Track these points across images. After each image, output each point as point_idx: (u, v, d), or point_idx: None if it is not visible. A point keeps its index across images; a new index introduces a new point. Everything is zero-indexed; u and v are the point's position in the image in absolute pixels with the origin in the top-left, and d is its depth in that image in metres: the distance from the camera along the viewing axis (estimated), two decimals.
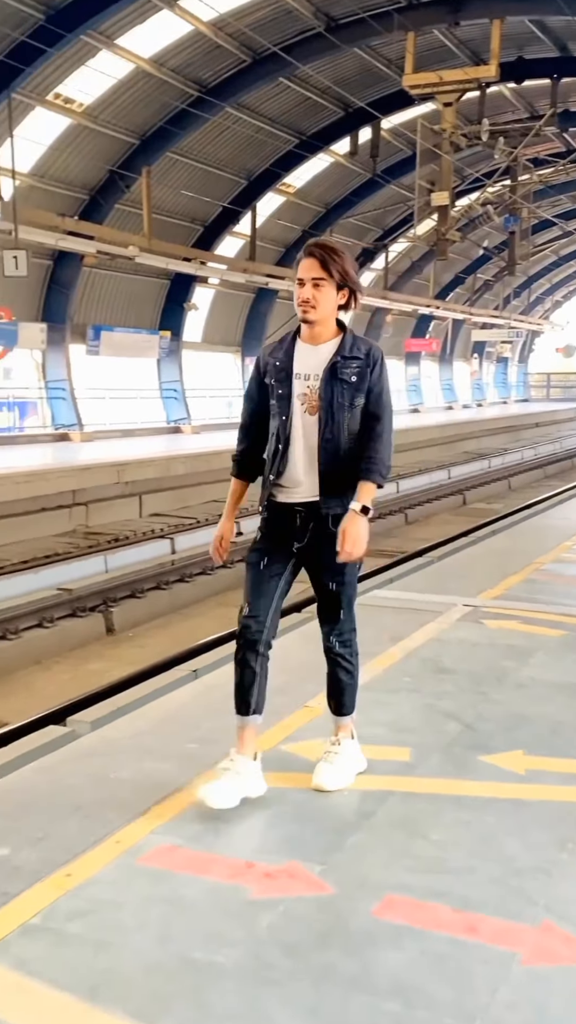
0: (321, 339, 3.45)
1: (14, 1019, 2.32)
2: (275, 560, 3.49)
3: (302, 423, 3.43)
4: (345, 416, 3.39)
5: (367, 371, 3.42)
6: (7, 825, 3.32)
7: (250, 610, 3.48)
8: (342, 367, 3.39)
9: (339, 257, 3.35)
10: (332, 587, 3.50)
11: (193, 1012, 2.36)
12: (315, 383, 3.40)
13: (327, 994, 2.42)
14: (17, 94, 17.69)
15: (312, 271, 3.35)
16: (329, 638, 3.59)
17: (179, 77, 20.45)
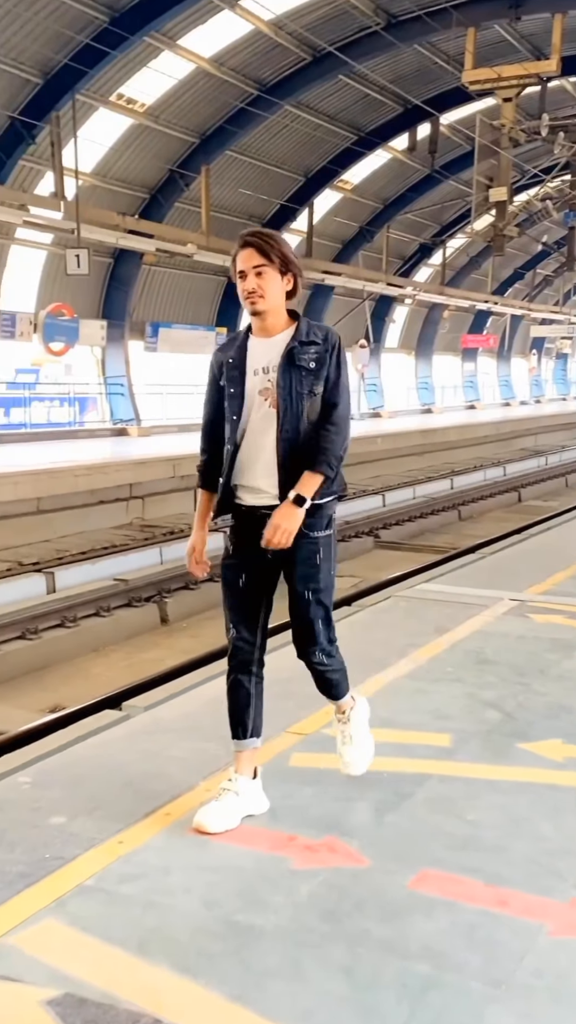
0: (275, 330, 3.26)
1: (68, 968, 2.51)
2: (251, 574, 3.29)
3: (261, 419, 3.23)
4: (304, 405, 3.19)
5: (326, 356, 3.22)
6: (64, 796, 3.52)
7: (237, 632, 3.33)
8: (299, 353, 3.20)
9: (276, 242, 3.21)
10: (307, 595, 3.26)
11: (235, 968, 2.52)
12: (273, 375, 3.22)
13: (361, 956, 2.56)
14: (81, 95, 18.05)
15: (252, 260, 3.18)
16: (313, 655, 3.32)
17: (239, 76, 20.66)
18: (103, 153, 20.62)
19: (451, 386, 40.75)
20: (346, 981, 2.46)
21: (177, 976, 2.48)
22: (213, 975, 2.48)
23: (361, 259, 28.84)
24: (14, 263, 20.72)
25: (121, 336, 22.65)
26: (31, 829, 3.27)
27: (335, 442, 3.22)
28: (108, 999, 2.39)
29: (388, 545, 14.29)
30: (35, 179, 19.64)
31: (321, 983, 2.45)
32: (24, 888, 2.89)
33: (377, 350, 32.94)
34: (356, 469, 20.57)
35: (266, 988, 2.43)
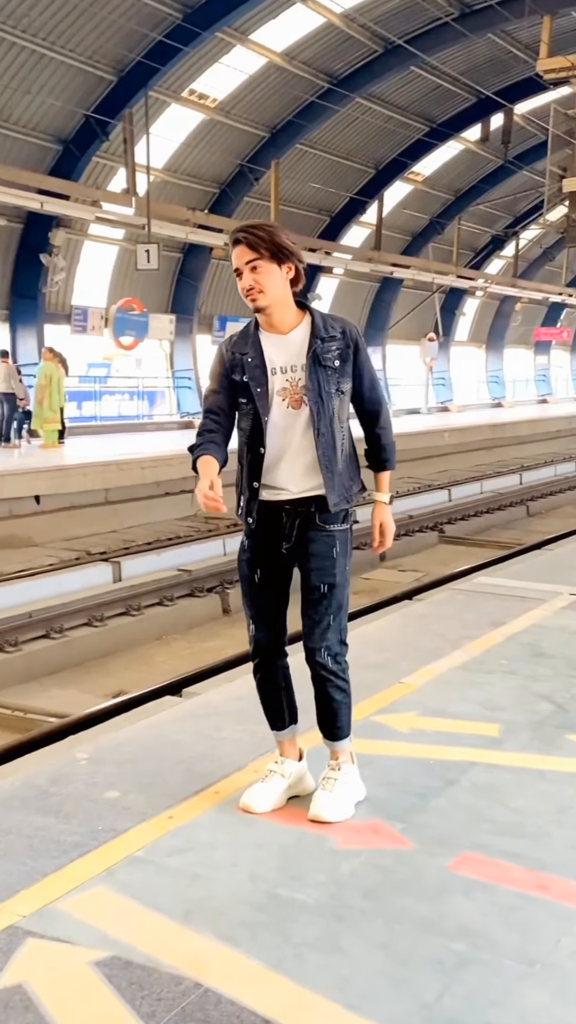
0: (287, 326, 3.17)
1: (116, 933, 2.62)
2: (267, 569, 3.29)
3: (282, 418, 3.16)
4: (335, 404, 3.16)
5: (348, 352, 3.18)
6: (119, 772, 3.65)
7: (256, 628, 3.33)
8: (322, 352, 3.13)
9: (267, 232, 3.08)
10: (323, 588, 3.21)
11: (275, 939, 2.60)
12: (296, 375, 3.15)
13: (398, 933, 2.63)
14: (154, 92, 18.30)
15: (243, 256, 3.08)
16: (319, 653, 3.21)
17: (310, 69, 20.72)
18: (174, 149, 20.88)
19: (523, 380, 40.24)
20: (383, 955, 2.53)
21: (219, 944, 2.57)
22: (253, 944, 2.57)
23: (431, 251, 28.68)
24: (87, 259, 21.11)
25: (189, 330, 22.91)
26: (87, 802, 3.40)
27: (391, 440, 3.34)
28: (152, 963, 2.49)
29: (453, 540, 14.22)
30: (108, 176, 19.98)
31: (358, 956, 2.52)
32: (77, 857, 3.02)
33: (447, 343, 32.71)
34: (422, 464, 20.49)
35: (304, 959, 2.51)
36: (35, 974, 2.45)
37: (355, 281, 28.18)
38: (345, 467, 3.20)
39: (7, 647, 8.17)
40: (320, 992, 2.37)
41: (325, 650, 3.21)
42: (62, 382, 16.78)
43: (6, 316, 19.86)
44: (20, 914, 2.70)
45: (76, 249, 20.55)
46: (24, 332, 19.87)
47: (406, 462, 20.25)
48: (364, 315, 30.07)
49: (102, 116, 18.32)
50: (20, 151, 17.96)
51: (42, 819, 3.27)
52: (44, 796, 3.46)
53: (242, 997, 2.35)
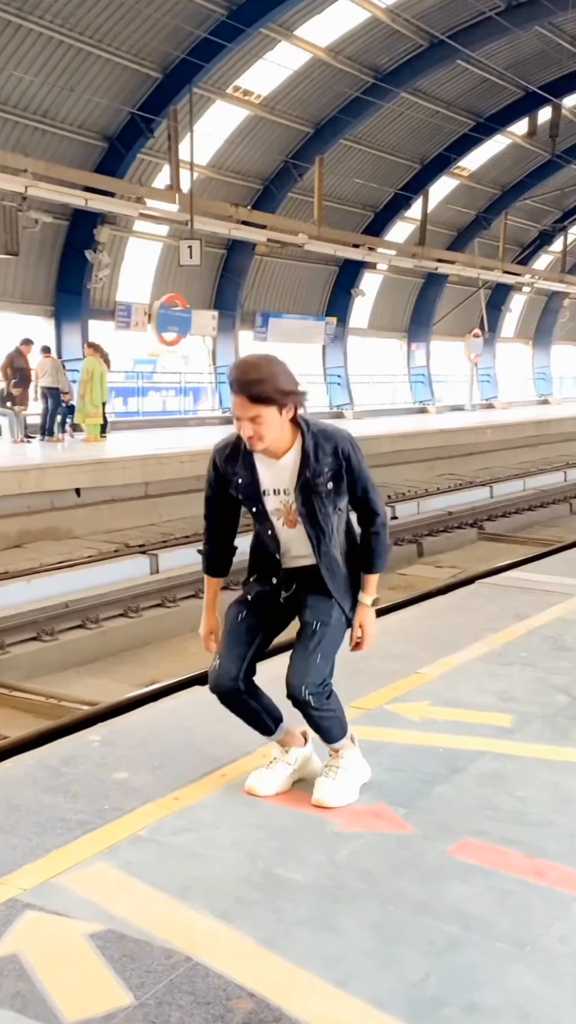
0: (280, 452, 3.16)
1: (113, 908, 2.67)
2: (255, 613, 3.32)
3: (282, 531, 3.25)
4: (333, 522, 3.21)
5: (341, 471, 3.17)
6: (130, 754, 3.70)
7: (219, 666, 3.28)
8: (314, 478, 3.14)
9: (264, 381, 3.01)
10: (315, 625, 3.22)
11: (268, 916, 2.63)
12: (288, 497, 3.19)
13: (392, 914, 2.64)
14: (198, 88, 18.39)
15: (246, 410, 3.03)
16: (300, 690, 3.15)
17: (355, 65, 20.67)
18: (218, 145, 20.97)
19: (571, 377, 39.77)
20: (374, 935, 2.54)
21: (213, 920, 2.61)
22: (247, 921, 2.60)
23: (477, 247, 28.45)
24: (131, 256, 21.30)
25: (232, 326, 23.00)
26: (95, 782, 3.46)
27: (384, 543, 3.32)
28: (146, 937, 2.53)
29: (492, 537, 14.11)
30: (152, 173, 20.13)
31: (349, 935, 2.54)
32: (82, 835, 3.07)
33: (492, 340, 32.43)
34: (463, 461, 20.39)
35: (295, 936, 2.54)
36: (30, 945, 2.51)
37: (399, 277, 28.06)
38: (349, 571, 3.29)
39: (44, 636, 8.26)
40: (309, 969, 2.40)
41: (305, 688, 3.14)
42: (104, 377, 16.95)
43: (52, 312, 20.11)
44: (21, 887, 2.76)
45: (121, 246, 20.73)
46: (69, 328, 20.10)
47: (447, 459, 20.18)
48: (408, 311, 29.94)
49: (147, 113, 18.46)
50: (67, 149, 18.17)
51: (51, 798, 3.34)
52: (55, 776, 3.53)
53: (231, 971, 2.39)
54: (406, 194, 25.52)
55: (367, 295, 26.72)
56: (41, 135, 17.72)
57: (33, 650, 8.03)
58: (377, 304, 28.46)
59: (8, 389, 16.71)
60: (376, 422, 23.64)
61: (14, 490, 12.89)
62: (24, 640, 8.07)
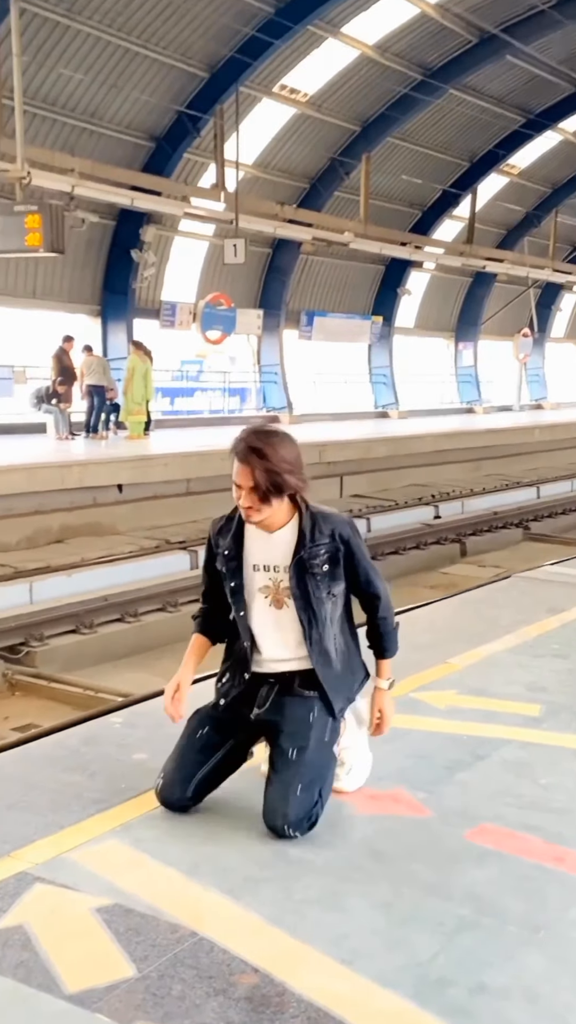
0: (275, 525, 3.00)
1: (121, 883, 2.65)
2: (218, 729, 3.07)
3: (265, 613, 3.04)
4: (327, 609, 3.01)
5: (338, 554, 3.00)
6: (149, 736, 3.69)
7: (164, 782, 3.04)
8: (309, 560, 2.97)
9: (274, 468, 2.86)
10: (291, 753, 2.92)
11: (277, 895, 2.59)
12: (278, 575, 3.01)
13: (403, 895, 2.59)
14: (245, 87, 18.40)
15: (247, 480, 2.89)
16: (283, 829, 2.84)
17: (403, 61, 20.53)
18: (265, 144, 20.96)
19: None
20: (383, 916, 2.49)
21: (221, 897, 2.58)
22: (254, 899, 2.57)
23: (527, 245, 28.12)
24: (177, 255, 21.40)
25: (277, 325, 22.98)
26: (114, 762, 3.45)
27: (391, 627, 3.15)
28: (153, 912, 2.51)
29: (538, 537, 13.94)
30: (199, 172, 20.20)
31: (358, 915, 2.50)
32: (96, 812, 3.06)
33: (542, 340, 32.05)
34: (510, 461, 20.19)
35: (303, 914, 2.50)
36: (37, 916, 2.50)
37: (447, 276, 27.84)
38: (343, 667, 3.07)
39: (83, 629, 8.31)
40: (314, 946, 2.36)
41: (287, 826, 2.84)
42: (149, 375, 17.04)
43: (98, 312, 20.27)
44: (33, 862, 2.76)
45: (166, 245, 20.83)
46: (115, 327, 20.24)
47: (494, 459, 19.97)
48: (456, 310, 29.69)
49: (194, 112, 18.53)
50: (114, 149, 18.30)
51: (68, 776, 3.33)
52: (74, 755, 3.53)
53: (236, 947, 2.36)
54: (455, 191, 25.29)
55: (414, 294, 26.53)
56: (88, 135, 17.87)
57: (72, 642, 8.06)
58: (424, 303, 28.25)
59: (54, 387, 16.88)
60: (421, 422, 23.48)
61: (57, 485, 13.00)
62: (63, 632, 8.11)
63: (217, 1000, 2.16)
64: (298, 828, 2.85)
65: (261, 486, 2.89)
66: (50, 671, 7.43)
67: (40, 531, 12.41)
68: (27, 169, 13.66)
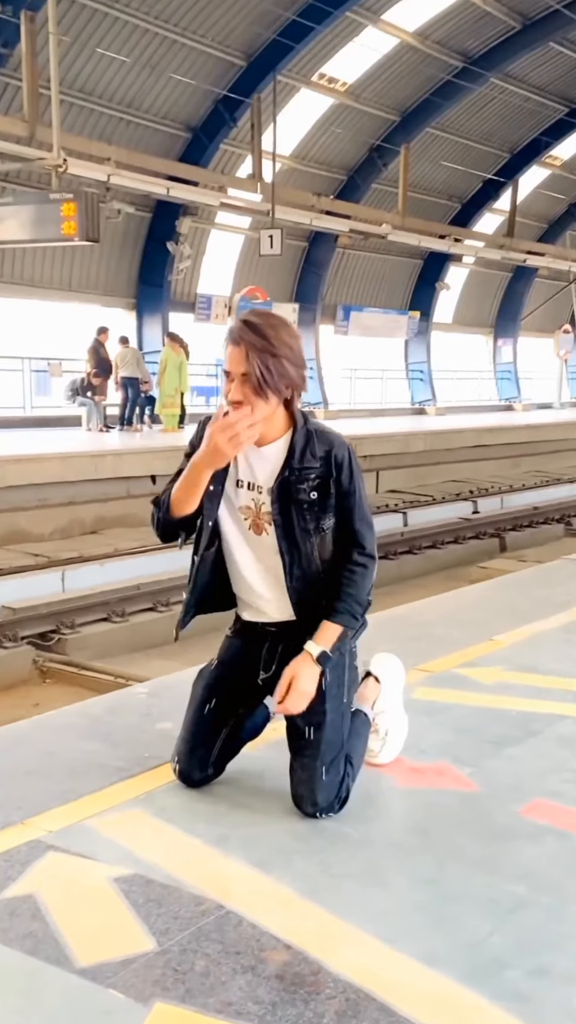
0: (266, 438, 2.59)
1: (143, 853, 2.43)
2: (226, 699, 2.74)
3: (247, 542, 2.66)
4: (313, 543, 2.59)
5: (329, 481, 2.57)
6: (176, 706, 3.41)
7: (181, 764, 2.76)
8: (295, 483, 2.56)
9: (276, 352, 2.46)
10: (307, 732, 2.60)
11: (311, 868, 2.36)
12: (260, 498, 2.61)
13: (450, 871, 2.35)
14: (283, 76, 18.16)
15: (240, 365, 2.47)
16: (315, 813, 2.58)
17: (443, 49, 20.20)
18: (302, 135, 20.74)
19: None
20: (429, 892, 2.26)
21: (250, 869, 2.36)
22: (287, 872, 2.34)
23: (569, 239, 27.65)
24: (213, 248, 21.25)
25: (313, 319, 22.74)
26: (138, 732, 3.24)
27: (361, 586, 2.60)
28: (175, 883, 2.30)
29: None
30: (235, 164, 20.03)
31: (401, 891, 2.26)
32: (118, 781, 2.85)
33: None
34: (550, 458, 19.87)
35: (340, 889, 2.27)
36: (48, 885, 2.29)
37: (486, 271, 27.45)
38: None
39: (114, 617, 8.21)
40: (353, 922, 2.13)
41: (318, 810, 2.58)
42: (184, 367, 16.87)
43: (133, 304, 20.17)
44: (47, 829, 2.56)
45: (202, 238, 20.68)
46: (150, 320, 20.12)
47: (534, 456, 19.65)
48: (495, 306, 29.26)
49: (231, 102, 18.36)
50: (151, 140, 18.17)
51: (89, 744, 3.13)
52: (96, 724, 3.32)
53: (266, 922, 2.13)
54: (497, 180, 24.83)
55: (452, 289, 26.16)
56: (126, 125, 17.77)
57: (103, 631, 7.98)
58: (462, 298, 27.85)
59: (89, 379, 16.79)
60: (459, 418, 23.14)
61: (90, 475, 12.89)
62: (95, 621, 8.04)
63: (245, 978, 1.93)
64: (329, 811, 2.59)
65: (256, 372, 2.45)
66: (81, 659, 7.34)
67: (74, 522, 12.34)
68: (63, 157, 13.55)
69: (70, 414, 17.45)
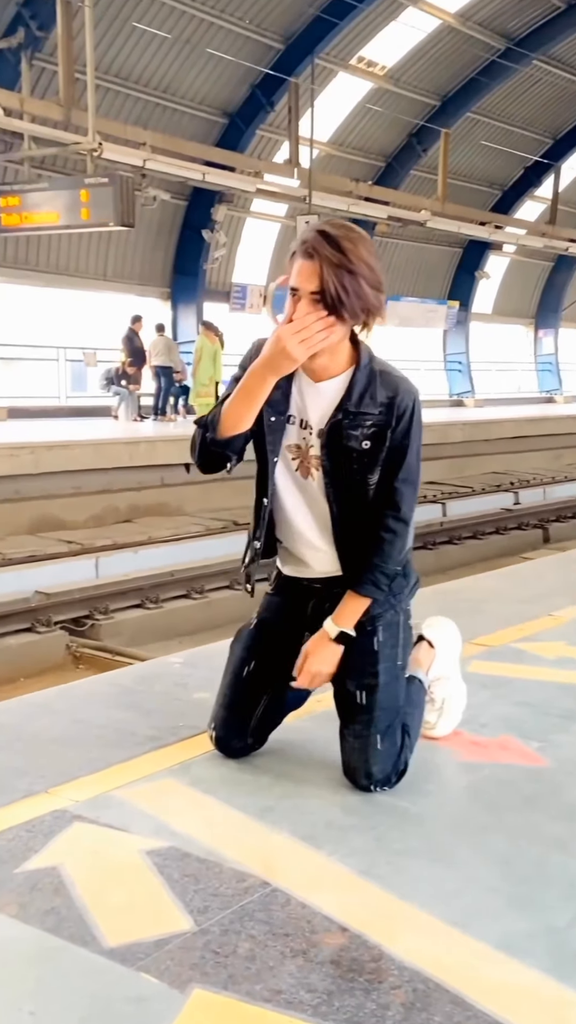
0: (325, 372, 2.32)
1: (179, 825, 2.19)
2: (266, 662, 2.48)
3: (295, 484, 2.39)
4: (360, 492, 2.34)
5: (386, 431, 2.29)
6: (214, 676, 3.16)
7: (218, 731, 2.51)
8: (348, 427, 2.29)
9: (348, 257, 2.14)
10: (360, 697, 2.35)
11: (367, 844, 2.11)
12: (310, 439, 2.34)
13: (525, 850, 2.08)
14: (321, 59, 17.89)
15: (311, 281, 2.16)
16: (369, 787, 2.33)
17: (485, 31, 19.79)
18: (340, 120, 20.44)
19: None
20: (502, 872, 1.99)
21: (298, 844, 2.11)
22: (339, 847, 2.09)
23: None
24: (248, 237, 21.03)
25: None
26: (172, 701, 3.01)
27: (389, 555, 2.33)
28: (216, 857, 2.05)
29: None
30: (272, 150, 19.77)
31: (470, 870, 2.00)
32: (151, 750, 2.62)
33: None
34: None
35: (401, 867, 2.01)
36: (75, 858, 2.06)
37: (527, 260, 26.95)
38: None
39: (148, 604, 8.09)
40: (418, 905, 1.87)
41: (373, 783, 2.32)
42: (218, 356, 16.64)
43: (168, 294, 19.99)
44: (73, 799, 2.32)
45: (238, 226, 20.45)
46: (184, 310, 19.93)
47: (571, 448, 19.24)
48: (536, 296, 28.73)
49: (268, 86, 18.09)
50: (187, 125, 17.96)
51: (120, 713, 2.90)
52: (127, 694, 3.10)
53: (318, 901, 1.88)
54: (540, 165, 24.29)
55: (492, 278, 25.72)
56: (162, 111, 17.57)
57: (137, 617, 7.85)
58: (503, 288, 27.36)
59: (123, 368, 16.64)
60: (499, 410, 22.76)
61: (124, 462, 12.78)
62: (128, 607, 7.90)
63: (295, 963, 1.68)
64: (385, 784, 2.33)
65: (331, 291, 2.13)
66: (115, 645, 7.20)
67: (108, 510, 12.24)
68: (98, 140, 13.40)
69: (106, 404, 17.34)
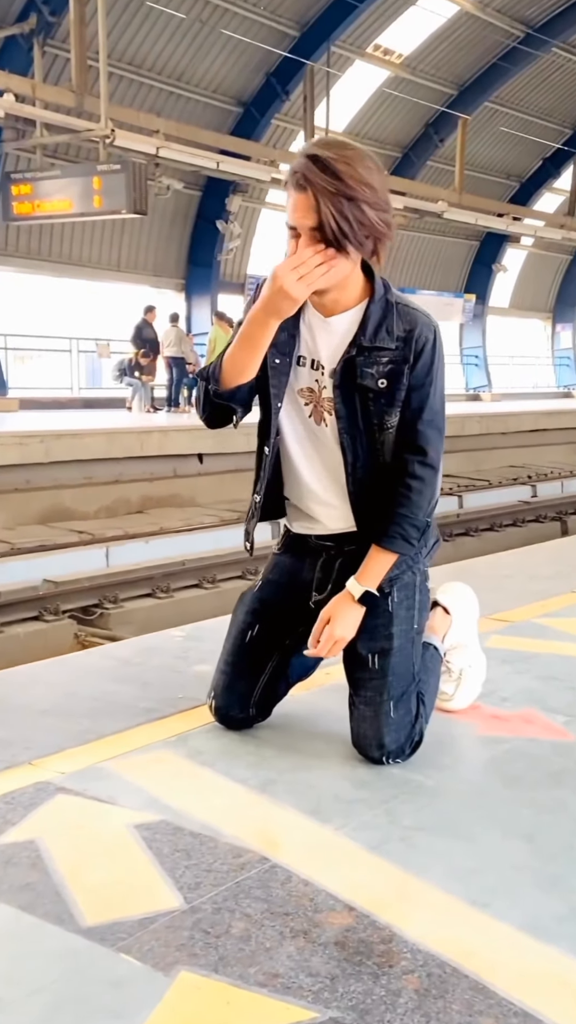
0: (336, 306, 2.11)
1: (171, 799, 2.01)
2: (271, 626, 2.30)
3: (306, 433, 2.21)
4: (377, 439, 2.14)
5: (404, 367, 2.08)
6: (216, 648, 3.00)
7: (218, 700, 2.34)
8: (363, 364, 2.09)
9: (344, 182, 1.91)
10: (372, 661, 2.17)
11: (377, 818, 1.92)
12: (323, 380, 2.15)
13: (551, 826, 1.89)
14: (337, 47, 17.71)
15: (308, 215, 1.94)
16: (381, 759, 2.14)
17: (504, 18, 19.58)
18: (356, 110, 20.26)
19: None
20: (527, 848, 1.80)
21: (301, 817, 1.92)
22: (347, 821, 1.90)
23: None
24: (263, 228, 20.87)
25: None
26: (171, 673, 2.83)
27: (417, 505, 2.12)
28: (210, 832, 1.87)
29: None
30: (288, 139, 19.61)
31: (490, 846, 1.81)
32: (146, 722, 2.44)
33: None
34: None
35: (415, 842, 1.82)
36: (54, 831, 1.88)
37: (545, 253, 26.68)
38: None
39: (159, 593, 7.95)
40: (432, 881, 1.68)
41: (385, 755, 2.14)
42: None
43: (182, 286, 19.86)
44: (59, 771, 2.14)
45: (252, 218, 20.30)
46: (199, 301, 19.80)
47: None
48: (554, 290, 28.47)
49: (283, 74, 17.92)
50: (201, 114, 17.82)
51: (116, 686, 2.72)
52: (124, 666, 2.91)
53: (321, 878, 1.70)
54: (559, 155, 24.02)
55: (509, 271, 25.48)
56: (176, 99, 17.43)
57: (147, 606, 7.70)
58: (520, 281, 27.12)
59: (136, 359, 16.49)
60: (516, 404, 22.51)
61: (136, 452, 12.64)
62: (138, 596, 7.76)
63: (295, 944, 1.50)
64: (399, 756, 2.15)
65: (330, 223, 1.91)
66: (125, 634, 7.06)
67: (119, 501, 12.11)
68: (111, 127, 13.25)
69: (119, 396, 17.21)
